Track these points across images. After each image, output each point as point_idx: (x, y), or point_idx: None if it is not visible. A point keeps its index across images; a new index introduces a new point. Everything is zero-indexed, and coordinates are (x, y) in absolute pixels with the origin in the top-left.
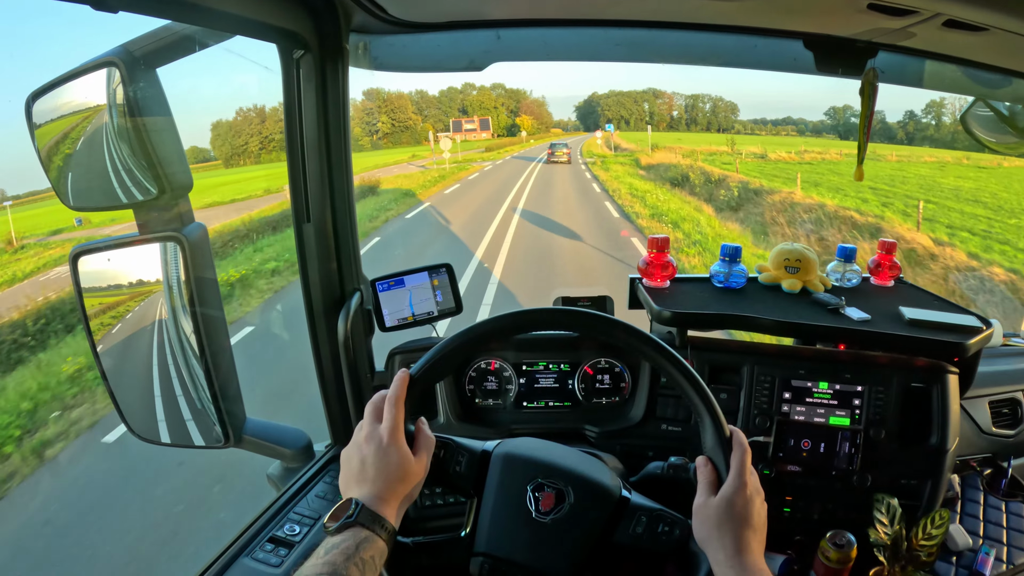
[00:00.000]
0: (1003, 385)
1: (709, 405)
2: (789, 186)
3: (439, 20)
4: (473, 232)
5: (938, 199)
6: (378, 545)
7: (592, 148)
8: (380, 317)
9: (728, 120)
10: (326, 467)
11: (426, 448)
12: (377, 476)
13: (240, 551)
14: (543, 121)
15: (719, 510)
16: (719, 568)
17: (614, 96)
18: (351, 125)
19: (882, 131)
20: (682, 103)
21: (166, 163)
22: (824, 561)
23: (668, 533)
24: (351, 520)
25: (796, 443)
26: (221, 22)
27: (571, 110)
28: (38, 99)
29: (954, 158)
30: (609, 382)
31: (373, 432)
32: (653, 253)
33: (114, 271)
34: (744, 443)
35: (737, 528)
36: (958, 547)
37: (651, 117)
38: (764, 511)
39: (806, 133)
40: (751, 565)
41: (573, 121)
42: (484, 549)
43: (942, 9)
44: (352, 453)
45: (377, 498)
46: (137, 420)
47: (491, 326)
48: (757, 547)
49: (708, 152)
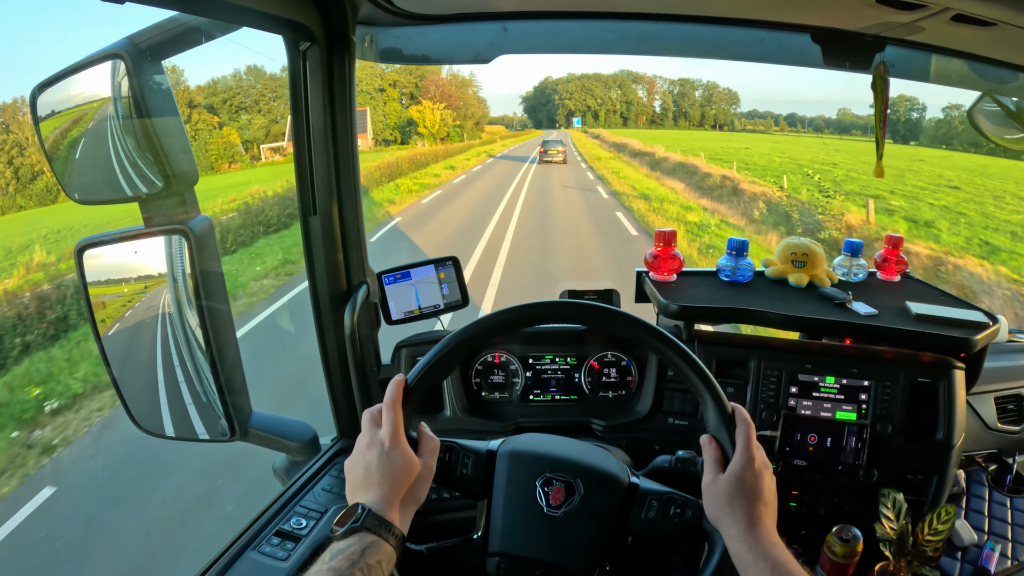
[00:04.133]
0: (1008, 381)
1: (708, 383)
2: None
3: (446, 12)
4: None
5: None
6: (385, 550)
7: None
8: (386, 310)
9: (727, 114)
10: (332, 460)
11: (430, 449)
12: (383, 480)
13: (247, 545)
14: (469, 113)
15: (729, 487)
16: (732, 543)
17: (576, 81)
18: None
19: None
20: (666, 88)
21: (172, 156)
22: (830, 555)
23: (680, 515)
24: (357, 525)
25: (803, 437)
26: (228, 13)
27: (517, 103)
28: (43, 91)
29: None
30: (616, 376)
31: (374, 438)
32: (660, 247)
33: (120, 264)
34: (747, 418)
35: (748, 503)
36: (963, 542)
37: (627, 108)
38: (773, 484)
39: (824, 131)
40: (764, 538)
41: (520, 116)
42: (499, 549)
43: (951, 3)
44: (355, 462)
45: (384, 502)
46: (142, 414)
47: (462, 336)
48: (769, 521)
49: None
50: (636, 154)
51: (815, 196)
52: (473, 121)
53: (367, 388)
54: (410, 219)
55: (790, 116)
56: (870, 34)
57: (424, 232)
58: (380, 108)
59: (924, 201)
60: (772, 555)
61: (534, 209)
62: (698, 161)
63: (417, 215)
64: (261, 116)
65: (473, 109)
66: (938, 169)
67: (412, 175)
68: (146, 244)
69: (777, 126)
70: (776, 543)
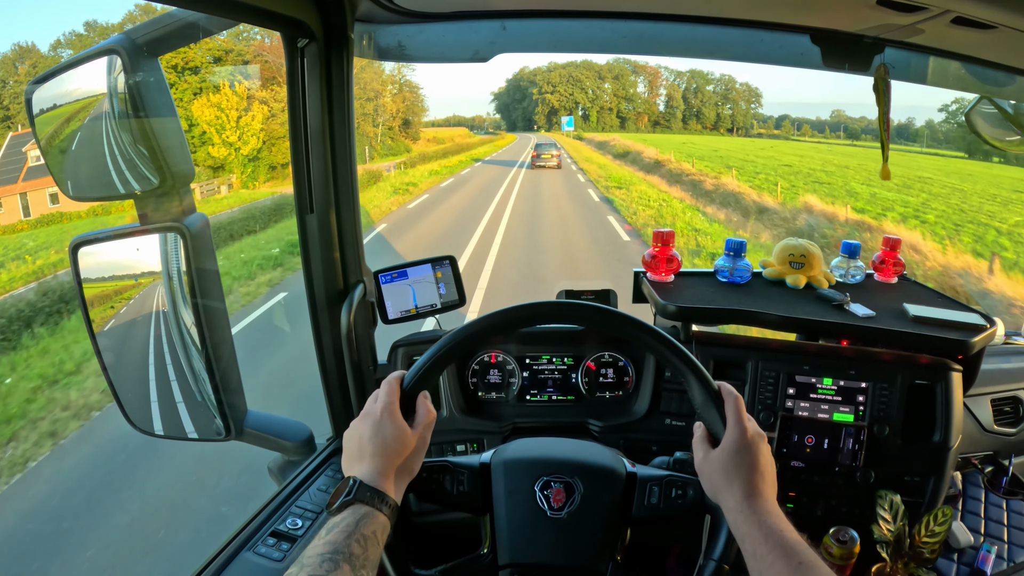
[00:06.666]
0: (1004, 383)
1: (690, 363)
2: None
3: (445, 10)
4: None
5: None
6: (379, 520)
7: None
8: (383, 309)
9: (746, 115)
10: (328, 460)
11: (426, 423)
12: (375, 452)
13: (242, 545)
14: (396, 110)
15: (723, 460)
16: (731, 515)
17: (561, 70)
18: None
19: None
20: (673, 80)
21: (168, 153)
22: (827, 557)
23: (682, 496)
24: (350, 498)
25: (800, 439)
26: (225, 9)
27: (489, 100)
28: (39, 86)
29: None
30: (613, 376)
31: (369, 410)
32: (658, 247)
33: (115, 262)
34: (734, 392)
35: (746, 474)
36: (960, 544)
37: (625, 106)
38: (769, 453)
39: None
40: (762, 508)
41: (492, 117)
42: (508, 560)
43: (951, 6)
44: (350, 434)
45: (377, 473)
46: (137, 412)
47: (457, 338)
48: (768, 490)
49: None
50: (652, 168)
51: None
52: (401, 118)
53: (363, 388)
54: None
55: (817, 120)
56: (870, 36)
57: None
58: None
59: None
60: (767, 523)
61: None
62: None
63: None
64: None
65: (407, 111)
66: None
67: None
68: (142, 242)
69: (799, 131)
70: (772, 511)
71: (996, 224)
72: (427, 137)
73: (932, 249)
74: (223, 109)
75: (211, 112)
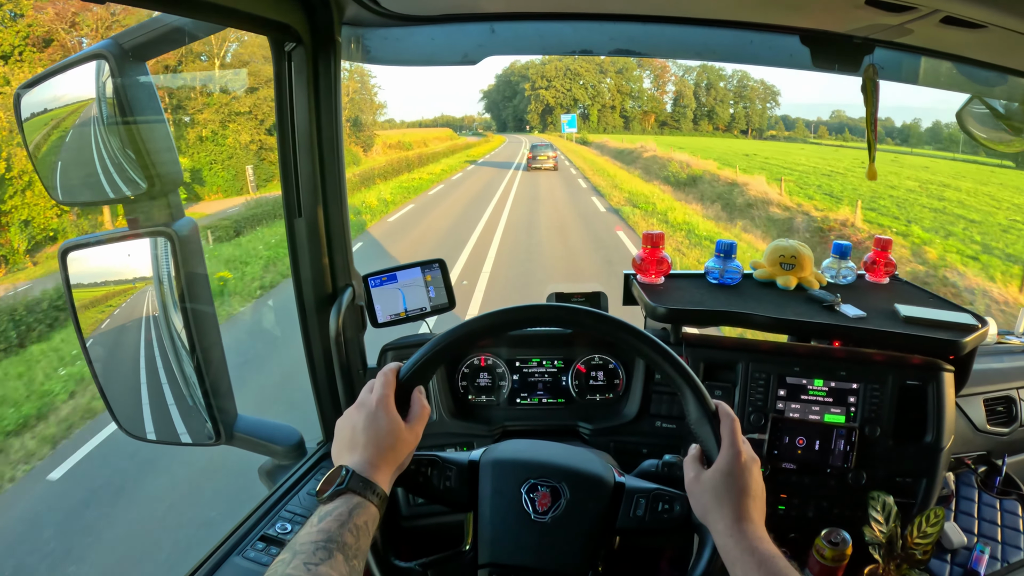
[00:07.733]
0: (997, 383)
1: (689, 380)
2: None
3: (433, 13)
4: None
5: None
6: (370, 511)
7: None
8: (372, 313)
9: (761, 116)
10: (318, 464)
11: (419, 417)
12: (368, 443)
13: (231, 550)
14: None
15: (715, 482)
16: (720, 538)
17: (555, 63)
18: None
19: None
20: (679, 73)
21: (156, 157)
22: (819, 559)
23: (669, 510)
24: (342, 487)
25: (791, 441)
26: (212, 14)
27: (478, 99)
28: (27, 91)
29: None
30: (603, 379)
31: (364, 401)
32: (648, 249)
33: (104, 267)
34: (731, 413)
35: (736, 498)
36: (953, 545)
37: (632, 104)
38: (760, 478)
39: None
40: (753, 533)
41: (482, 117)
42: (489, 559)
43: (940, 6)
44: (343, 423)
45: (368, 464)
46: (127, 417)
47: (448, 339)
48: (757, 516)
49: None
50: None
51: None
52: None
53: (352, 392)
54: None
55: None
56: (859, 36)
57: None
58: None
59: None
60: (760, 550)
61: None
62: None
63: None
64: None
65: (361, 112)
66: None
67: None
68: (131, 246)
69: (815, 133)
70: (764, 538)
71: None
72: (388, 142)
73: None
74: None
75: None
